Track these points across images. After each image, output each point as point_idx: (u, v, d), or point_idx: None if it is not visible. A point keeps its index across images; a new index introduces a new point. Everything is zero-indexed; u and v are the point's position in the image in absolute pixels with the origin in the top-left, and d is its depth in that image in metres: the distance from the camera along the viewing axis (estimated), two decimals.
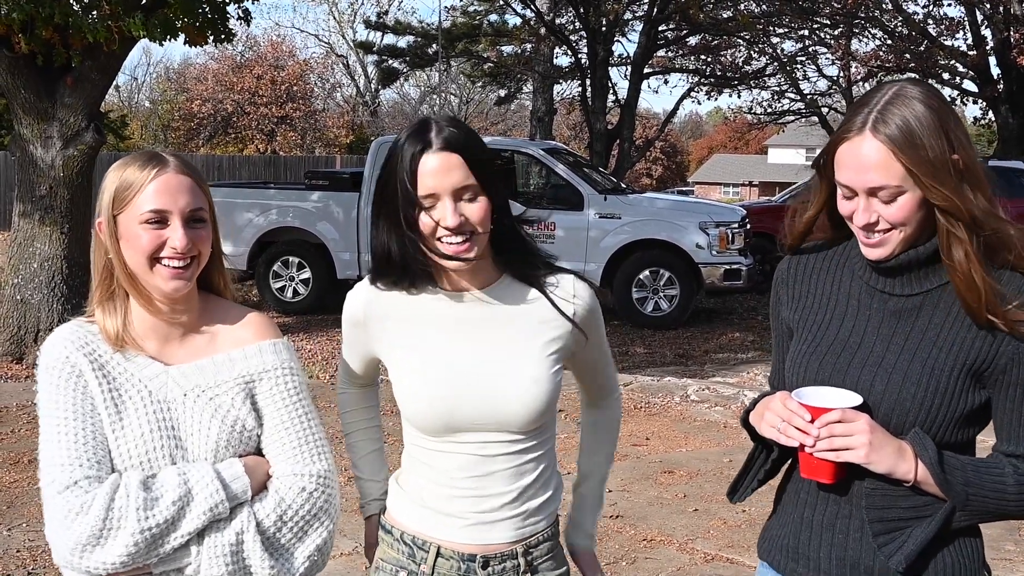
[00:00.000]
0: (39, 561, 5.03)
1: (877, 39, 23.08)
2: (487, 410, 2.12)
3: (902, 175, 1.83)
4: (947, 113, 1.86)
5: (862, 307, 1.98)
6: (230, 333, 2.11)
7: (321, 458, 2.06)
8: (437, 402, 2.12)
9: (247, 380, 2.06)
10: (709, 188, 62.30)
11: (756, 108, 28.22)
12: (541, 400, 2.13)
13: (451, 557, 2.16)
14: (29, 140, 9.63)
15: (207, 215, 2.03)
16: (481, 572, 2.16)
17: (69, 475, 1.89)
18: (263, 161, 32.59)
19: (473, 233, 2.05)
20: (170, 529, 1.88)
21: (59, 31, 9.03)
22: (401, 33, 25.02)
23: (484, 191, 2.05)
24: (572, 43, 21.35)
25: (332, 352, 10.39)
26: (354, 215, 12.73)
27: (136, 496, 1.87)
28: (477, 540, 2.16)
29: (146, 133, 46.69)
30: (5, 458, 6.71)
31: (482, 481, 2.15)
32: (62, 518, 1.87)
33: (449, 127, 2.06)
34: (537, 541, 2.19)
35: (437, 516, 2.18)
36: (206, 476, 1.92)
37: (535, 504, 2.19)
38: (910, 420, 1.87)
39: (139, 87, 55.16)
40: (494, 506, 2.16)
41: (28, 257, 9.71)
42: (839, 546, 1.96)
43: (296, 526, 2.00)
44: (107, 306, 2.03)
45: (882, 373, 1.90)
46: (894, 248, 1.90)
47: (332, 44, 50.51)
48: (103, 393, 1.97)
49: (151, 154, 2.03)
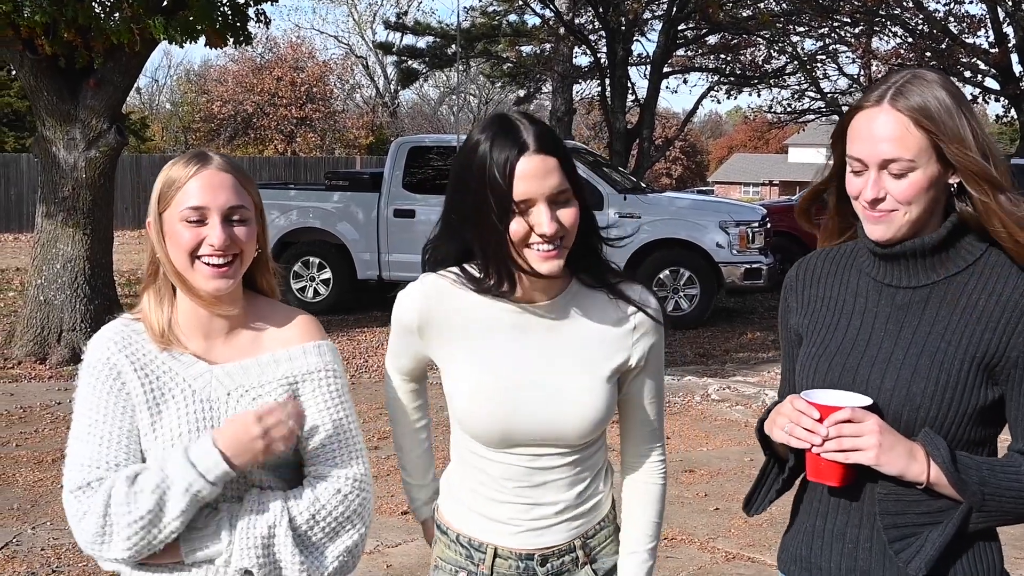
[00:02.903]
0: (63, 559, 5.06)
1: (898, 37, 22.94)
2: (544, 426, 2.08)
3: (917, 150, 1.80)
4: (964, 100, 1.85)
5: (869, 304, 1.94)
6: (276, 334, 2.11)
7: (358, 461, 2.07)
8: (495, 416, 2.07)
9: (290, 381, 2.06)
10: (729, 187, 62.10)
11: (776, 107, 28.09)
12: (599, 415, 2.09)
13: (509, 557, 2.15)
14: (52, 142, 9.70)
15: (250, 214, 2.03)
16: (540, 569, 2.15)
17: (84, 476, 1.94)
18: (283, 162, 32.73)
19: (563, 239, 1.98)
20: (157, 517, 1.89)
21: (81, 33, 9.10)
22: (420, 34, 25.04)
23: (576, 195, 2.00)
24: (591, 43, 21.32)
25: (352, 352, 10.42)
26: (374, 216, 12.76)
27: (120, 492, 1.89)
28: (532, 544, 2.15)
29: (167, 135, 46.92)
30: (29, 457, 6.76)
31: (534, 491, 2.13)
32: (71, 518, 1.95)
33: (538, 127, 1.98)
34: (594, 531, 2.19)
35: (490, 522, 2.16)
36: (178, 459, 1.91)
37: (588, 506, 2.18)
38: (921, 416, 1.82)
39: (160, 89, 55.46)
40: (546, 514, 2.14)
41: (51, 258, 9.78)
42: (849, 556, 1.92)
43: (328, 526, 2.01)
44: (154, 302, 2.04)
45: (891, 370, 1.86)
46: (897, 229, 1.86)
47: (352, 45, 50.71)
48: (144, 392, 1.98)
49: (197, 153, 2.05)
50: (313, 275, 13.04)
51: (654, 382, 2.19)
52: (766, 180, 64.53)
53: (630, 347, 2.12)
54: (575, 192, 1.99)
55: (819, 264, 2.07)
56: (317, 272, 13.03)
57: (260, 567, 1.95)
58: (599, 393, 2.09)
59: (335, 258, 12.93)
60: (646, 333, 2.13)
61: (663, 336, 2.17)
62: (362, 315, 12.72)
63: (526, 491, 2.12)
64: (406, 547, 5.32)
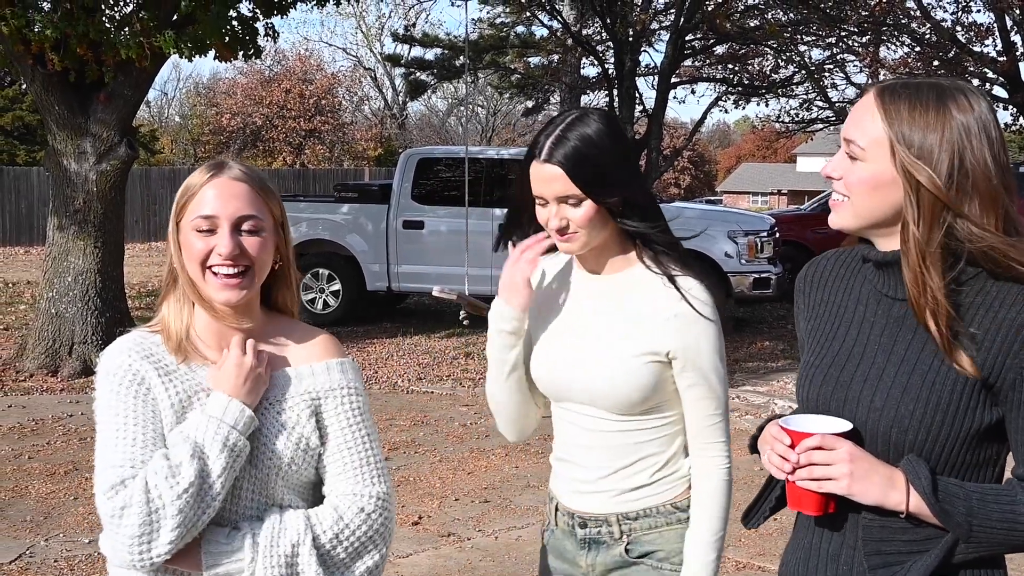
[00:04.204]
0: (76, 571, 5.09)
1: (905, 46, 22.94)
2: (581, 387, 2.29)
3: (868, 140, 1.78)
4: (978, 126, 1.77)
5: (868, 313, 1.87)
6: (296, 350, 2.09)
7: (381, 480, 2.05)
8: (541, 367, 2.37)
9: (313, 397, 2.04)
10: (737, 197, 62.08)
11: (784, 117, 28.06)
12: (628, 390, 2.24)
13: (564, 513, 2.40)
14: (63, 155, 9.77)
15: (264, 225, 2.00)
16: (580, 531, 2.37)
17: (117, 475, 1.88)
18: (292, 174, 32.82)
19: (576, 231, 2.24)
20: (204, 483, 1.87)
21: (92, 48, 9.17)
22: (428, 46, 25.09)
23: (588, 194, 2.21)
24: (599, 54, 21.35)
25: (362, 363, 10.44)
26: (383, 227, 12.79)
27: (160, 471, 1.86)
28: (574, 505, 2.37)
29: (176, 148, 47.06)
30: (42, 470, 6.79)
31: (582, 452, 2.35)
32: (110, 517, 1.86)
33: (555, 141, 2.22)
34: (636, 516, 2.32)
35: (555, 477, 2.45)
36: (201, 422, 1.91)
37: (630, 486, 2.32)
38: (909, 439, 1.74)
39: (169, 102, 55.67)
40: (588, 478, 2.34)
41: (63, 271, 9.83)
42: None
43: (351, 546, 1.99)
44: (174, 311, 2.03)
45: (882, 387, 1.78)
46: (842, 218, 1.84)
47: (360, 57, 50.77)
48: (170, 398, 1.96)
49: (217, 162, 2.04)
50: (323, 287, 13.06)
51: (703, 379, 2.26)
52: (774, 189, 64.47)
53: (667, 333, 2.24)
54: (589, 195, 2.22)
55: (828, 266, 2.01)
56: (327, 284, 13.05)
57: None
58: (631, 369, 2.24)
59: (344, 270, 12.95)
60: (686, 324, 2.24)
61: (712, 333, 2.26)
62: (372, 326, 12.74)
63: (575, 450, 2.36)
64: (416, 558, 5.34)
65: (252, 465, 1.97)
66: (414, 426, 8.19)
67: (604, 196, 2.22)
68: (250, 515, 1.98)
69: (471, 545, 5.55)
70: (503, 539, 5.65)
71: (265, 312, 2.10)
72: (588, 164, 2.20)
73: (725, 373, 2.30)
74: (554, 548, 2.44)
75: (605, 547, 2.33)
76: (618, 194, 2.23)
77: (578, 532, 2.36)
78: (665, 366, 2.25)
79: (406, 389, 9.60)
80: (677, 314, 2.24)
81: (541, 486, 6.58)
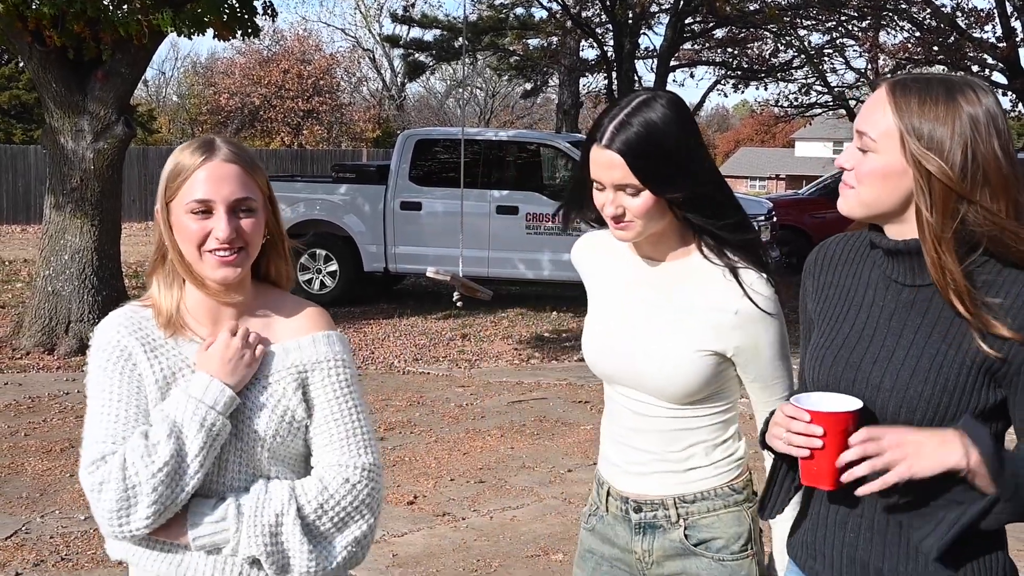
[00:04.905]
0: (72, 547, 5.10)
1: (905, 31, 22.91)
2: (631, 374, 2.25)
3: (880, 132, 1.82)
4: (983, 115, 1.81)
5: (877, 297, 1.92)
6: (285, 324, 2.10)
7: (368, 451, 2.05)
8: (591, 351, 2.34)
9: (300, 370, 2.06)
10: (736, 181, 62.00)
11: (783, 101, 28.06)
12: (679, 382, 2.19)
13: (617, 497, 2.34)
14: (60, 133, 9.75)
15: (256, 204, 2.02)
16: (635, 516, 2.30)
17: (99, 450, 1.91)
18: (290, 155, 32.75)
19: (632, 220, 2.17)
20: (179, 462, 1.89)
21: (90, 25, 9.14)
22: (427, 27, 25.08)
23: (647, 187, 2.12)
24: (598, 36, 21.33)
25: (359, 344, 10.46)
26: (380, 208, 12.79)
27: (137, 449, 1.88)
28: (629, 488, 2.31)
29: (174, 127, 46.96)
30: (38, 447, 6.81)
31: (634, 435, 2.29)
32: (90, 491, 1.91)
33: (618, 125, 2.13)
34: (693, 499, 2.26)
35: (606, 462, 2.38)
36: (181, 401, 1.93)
37: (685, 468, 2.26)
38: (917, 418, 1.80)
39: (167, 81, 55.52)
40: (642, 460, 2.29)
41: (59, 249, 9.83)
42: (851, 545, 1.91)
43: (337, 516, 2.00)
44: (163, 287, 2.05)
45: (891, 369, 1.84)
46: (850, 207, 1.88)
47: (359, 38, 50.66)
48: (154, 374, 1.98)
49: (204, 140, 2.04)
50: (320, 267, 13.07)
51: (767, 374, 2.22)
52: (773, 174, 64.43)
53: (728, 331, 2.17)
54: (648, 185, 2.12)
55: (837, 249, 2.05)
56: (324, 264, 13.06)
57: (268, 555, 1.94)
58: (683, 362, 2.18)
59: (341, 250, 12.96)
60: (748, 321, 2.16)
61: (774, 329, 2.18)
62: (368, 307, 12.75)
63: (627, 432, 2.31)
64: (411, 536, 5.36)
65: (238, 439, 1.99)
66: (410, 406, 8.21)
67: (665, 189, 2.12)
68: (237, 487, 2.00)
69: (466, 525, 5.57)
70: (498, 519, 5.67)
71: (255, 285, 2.12)
72: (650, 154, 2.10)
73: (790, 364, 2.24)
74: (602, 534, 2.36)
75: (662, 531, 2.26)
76: (681, 188, 2.13)
77: (632, 516, 2.29)
78: (722, 360, 2.19)
79: (402, 370, 9.61)
80: (738, 311, 2.15)
81: (536, 467, 6.61)
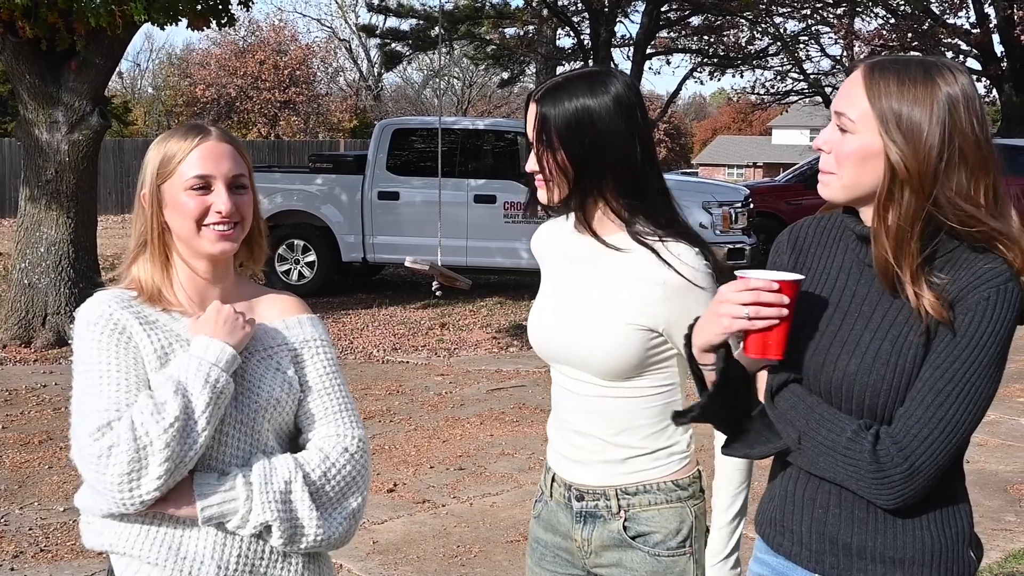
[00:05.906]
0: (51, 538, 5.10)
1: (880, 18, 23.02)
2: (568, 350, 2.25)
3: (859, 113, 1.81)
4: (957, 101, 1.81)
5: (850, 282, 1.92)
6: (267, 307, 2.20)
7: (358, 425, 2.15)
8: (533, 327, 2.35)
9: (291, 348, 2.15)
10: (713, 170, 62.14)
11: (759, 88, 28.15)
12: (612, 357, 2.18)
13: (561, 484, 2.33)
14: (34, 124, 9.68)
15: (248, 182, 2.12)
16: (577, 504, 2.29)
17: (103, 418, 1.89)
18: (267, 146, 32.61)
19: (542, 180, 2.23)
20: (188, 419, 1.90)
21: (63, 16, 9.07)
22: (403, 16, 24.97)
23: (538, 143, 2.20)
24: (574, 24, 21.33)
25: (337, 334, 10.45)
26: (358, 198, 12.78)
27: (145, 409, 1.89)
28: (571, 476, 2.30)
29: (149, 120, 46.65)
30: (16, 439, 6.78)
31: (575, 417, 2.28)
32: (97, 458, 1.87)
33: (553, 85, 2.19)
34: (635, 491, 2.23)
35: (551, 448, 2.38)
36: (184, 362, 1.96)
37: (625, 455, 2.24)
38: (880, 402, 1.81)
39: (142, 73, 55.07)
40: (583, 445, 2.27)
41: (35, 242, 9.77)
42: (819, 521, 1.92)
43: (339, 484, 2.06)
44: (148, 268, 2.09)
45: (857, 352, 1.84)
46: (832, 192, 1.88)
47: (335, 28, 50.56)
48: (152, 345, 2.01)
49: (193, 125, 2.12)
50: (298, 258, 13.04)
51: None
52: (750, 162, 64.61)
53: (656, 303, 2.15)
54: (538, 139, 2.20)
55: (810, 232, 2.05)
56: (302, 255, 13.04)
57: (281, 522, 1.97)
58: (615, 337, 2.17)
59: (319, 241, 12.94)
60: (675, 294, 2.14)
61: (706, 301, 2.06)
62: (347, 297, 12.74)
63: (569, 415, 2.29)
64: (392, 524, 5.38)
65: (237, 409, 2.02)
66: (389, 395, 8.22)
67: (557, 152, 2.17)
68: (237, 461, 2.02)
69: (446, 511, 5.60)
70: (477, 505, 5.70)
71: (234, 273, 2.20)
72: (563, 115, 2.15)
73: None
74: (546, 520, 2.36)
75: (602, 521, 2.25)
76: (582, 156, 2.16)
77: (574, 505, 2.28)
78: (654, 335, 2.18)
79: (381, 359, 9.62)
80: (664, 282, 2.14)
81: (515, 454, 6.64)
